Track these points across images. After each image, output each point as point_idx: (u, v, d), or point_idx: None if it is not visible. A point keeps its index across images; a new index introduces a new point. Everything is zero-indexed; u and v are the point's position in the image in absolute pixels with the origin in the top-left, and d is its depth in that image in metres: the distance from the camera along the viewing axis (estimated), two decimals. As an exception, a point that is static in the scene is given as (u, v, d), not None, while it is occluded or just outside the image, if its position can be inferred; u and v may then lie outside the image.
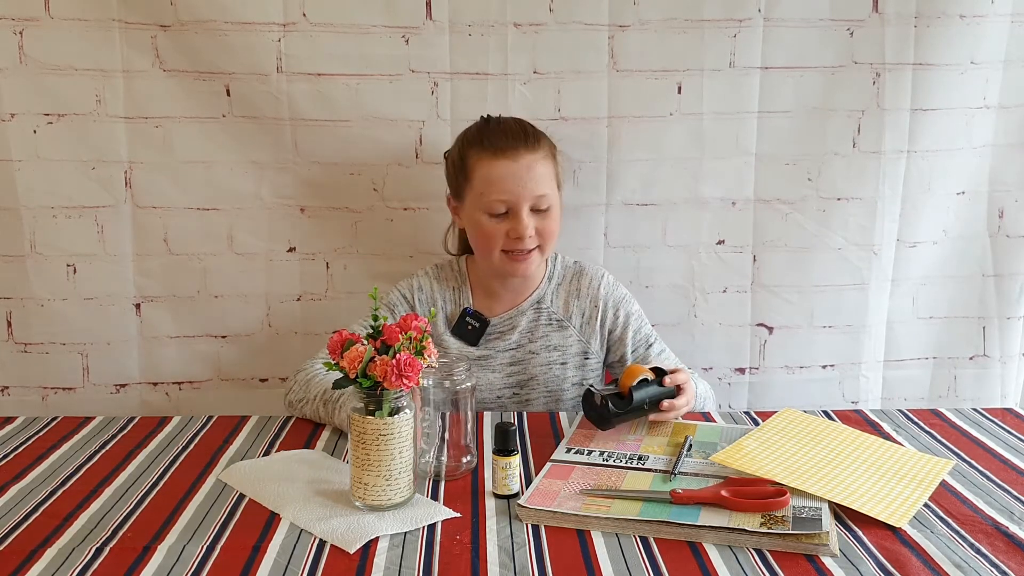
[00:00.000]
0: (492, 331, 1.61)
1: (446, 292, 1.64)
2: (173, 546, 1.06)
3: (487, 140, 1.54)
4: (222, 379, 1.85)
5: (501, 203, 1.51)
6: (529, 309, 1.62)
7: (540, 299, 1.63)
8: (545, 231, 1.54)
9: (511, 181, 1.50)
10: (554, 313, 1.63)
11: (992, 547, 1.06)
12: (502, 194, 1.51)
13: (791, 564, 1.02)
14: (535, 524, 1.11)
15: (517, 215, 1.51)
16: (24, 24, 1.67)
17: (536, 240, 1.53)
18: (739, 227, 1.84)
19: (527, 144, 1.53)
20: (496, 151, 1.51)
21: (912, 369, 1.94)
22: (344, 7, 1.69)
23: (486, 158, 1.52)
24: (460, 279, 1.65)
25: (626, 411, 1.35)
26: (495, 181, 1.51)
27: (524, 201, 1.51)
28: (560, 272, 1.65)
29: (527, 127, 1.57)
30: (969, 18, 1.75)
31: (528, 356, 1.62)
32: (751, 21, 1.74)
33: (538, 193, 1.52)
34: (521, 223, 1.51)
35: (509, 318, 1.62)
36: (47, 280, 1.77)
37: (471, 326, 1.60)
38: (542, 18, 1.72)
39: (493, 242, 1.54)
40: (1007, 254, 1.89)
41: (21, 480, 1.26)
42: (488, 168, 1.51)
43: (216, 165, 1.76)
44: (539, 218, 1.53)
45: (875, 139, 1.80)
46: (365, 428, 1.13)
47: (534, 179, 1.51)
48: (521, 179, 1.50)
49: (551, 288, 1.64)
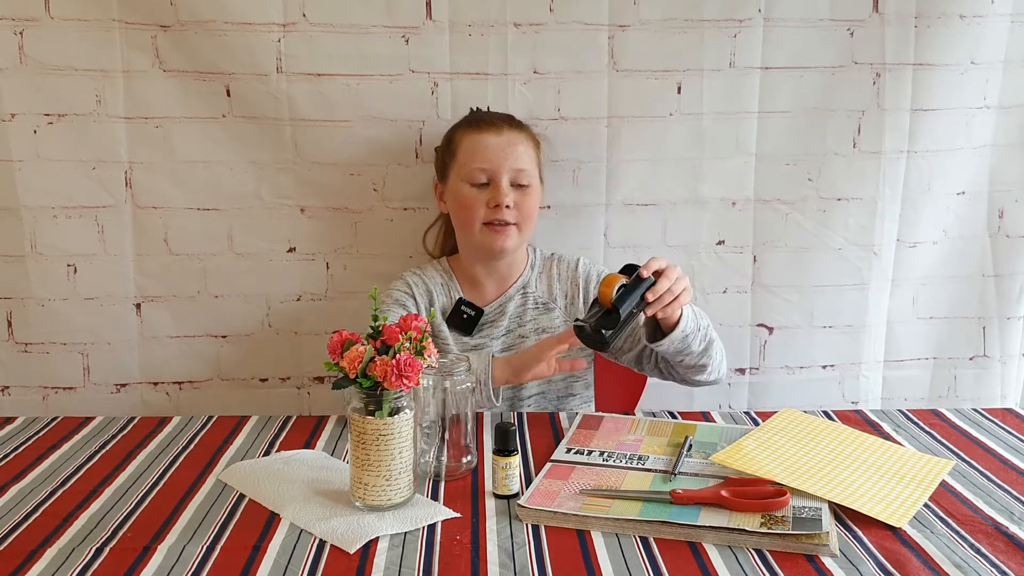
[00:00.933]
0: (484, 320, 1.64)
1: (436, 286, 1.67)
2: (173, 546, 1.06)
3: (473, 120, 1.64)
4: (222, 379, 1.85)
5: (482, 171, 1.58)
6: (516, 295, 1.66)
7: (525, 284, 1.67)
8: (524, 207, 1.58)
9: (493, 151, 1.58)
10: (539, 297, 1.67)
11: (992, 547, 1.06)
12: (483, 162, 1.58)
13: (791, 564, 1.02)
14: (535, 524, 1.11)
15: (497, 185, 1.57)
16: (24, 24, 1.67)
17: (515, 215, 1.58)
18: (739, 227, 1.84)
19: (511, 123, 1.62)
20: (481, 126, 1.61)
21: (912, 369, 1.94)
22: (344, 7, 1.69)
23: (471, 132, 1.61)
24: (446, 275, 1.68)
25: (619, 327, 1.32)
26: (478, 151, 1.58)
27: (504, 172, 1.57)
28: (540, 261, 1.70)
29: (513, 116, 1.64)
30: (969, 18, 1.75)
31: (519, 341, 1.65)
32: (751, 21, 1.74)
33: (518, 167, 1.58)
34: (500, 190, 1.56)
35: (499, 305, 1.65)
36: (47, 280, 1.77)
37: (466, 315, 1.64)
38: (542, 18, 1.72)
39: (474, 213, 1.58)
40: (1007, 254, 1.89)
41: (21, 480, 1.26)
42: (471, 140, 1.60)
43: (216, 165, 1.76)
44: (519, 193, 1.58)
45: (875, 139, 1.80)
46: (365, 428, 1.13)
47: (516, 154, 1.58)
48: (503, 150, 1.58)
49: (534, 275, 1.68)
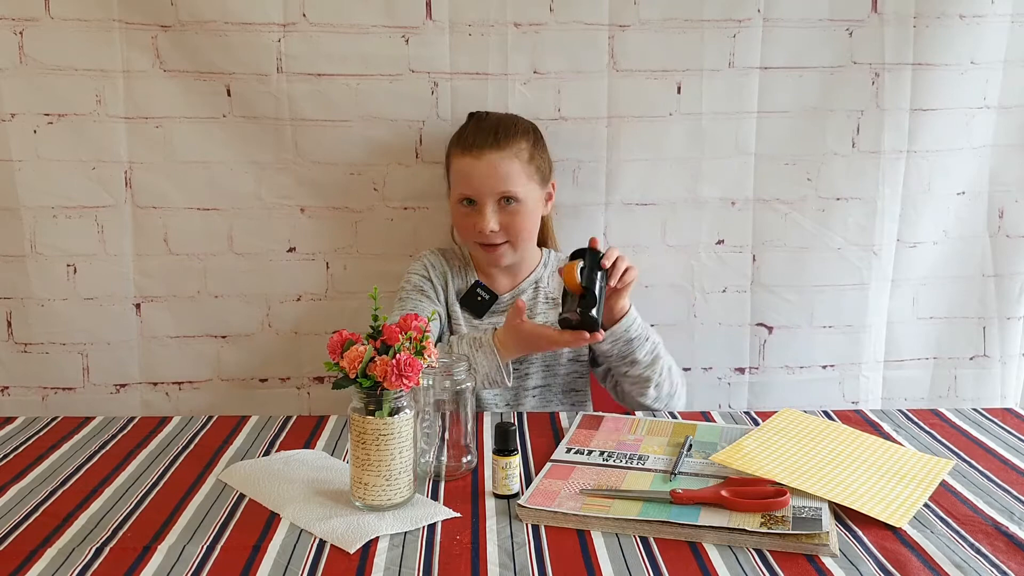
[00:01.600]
0: (496, 308, 1.67)
1: (454, 269, 1.70)
2: (173, 546, 1.06)
3: (463, 138, 1.63)
4: (222, 379, 1.85)
5: (466, 195, 1.60)
6: (528, 288, 1.70)
7: (538, 280, 1.71)
8: (512, 226, 1.60)
9: (475, 178, 1.59)
10: (550, 292, 1.70)
11: (992, 547, 1.06)
12: (467, 189, 1.60)
13: (791, 564, 1.02)
14: (535, 524, 1.11)
15: (481, 210, 1.59)
16: (24, 24, 1.67)
17: (503, 235, 1.60)
18: (738, 227, 1.84)
19: (495, 144, 1.59)
20: (465, 148, 1.60)
21: (912, 369, 1.94)
22: (344, 7, 1.69)
23: (458, 154, 1.62)
24: (464, 260, 1.71)
25: (599, 302, 1.44)
26: (462, 177, 1.61)
27: (486, 197, 1.59)
28: (554, 261, 1.74)
29: (503, 126, 1.62)
30: (969, 18, 1.75)
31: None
32: (751, 21, 1.74)
33: (500, 190, 1.58)
34: (483, 218, 1.59)
35: (512, 296, 1.69)
36: (47, 280, 1.76)
37: (481, 297, 1.67)
38: (542, 18, 1.72)
39: (466, 232, 1.64)
40: (1007, 254, 1.88)
41: (21, 480, 1.26)
42: (458, 163, 1.61)
43: (216, 165, 1.76)
44: (506, 213, 1.60)
45: (875, 139, 1.80)
46: (365, 428, 1.13)
47: (498, 177, 1.58)
48: (483, 176, 1.58)
49: (547, 273, 1.72)
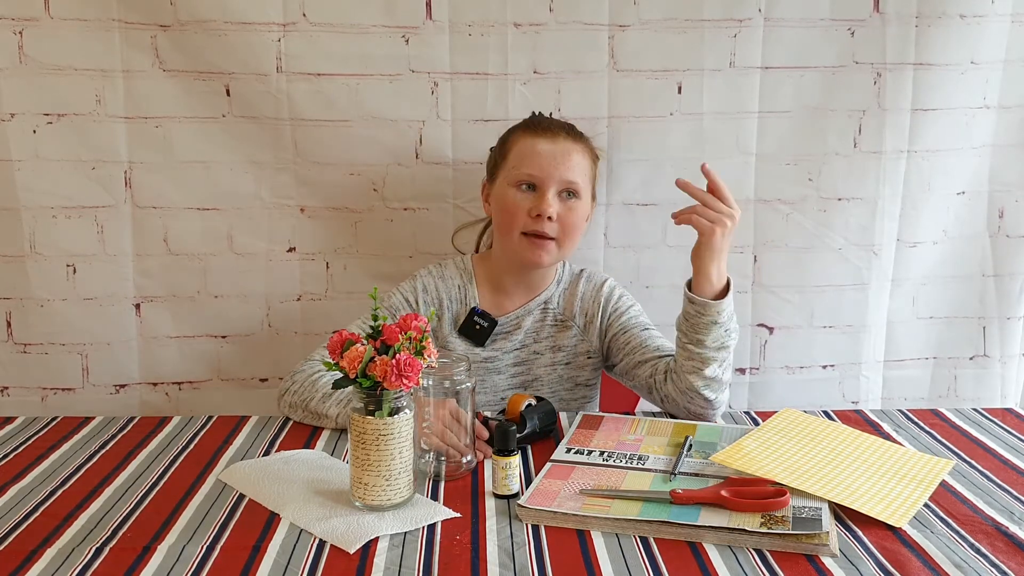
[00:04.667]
0: (498, 331, 1.60)
1: (451, 290, 1.62)
2: (173, 546, 1.06)
3: (534, 123, 1.58)
4: (222, 379, 1.85)
5: (530, 177, 1.52)
6: (536, 309, 1.62)
7: (547, 300, 1.63)
8: (567, 222, 1.53)
9: (545, 158, 1.52)
10: (559, 314, 1.62)
11: (992, 547, 1.06)
12: (533, 168, 1.52)
13: (791, 564, 1.02)
14: (535, 524, 1.11)
15: (543, 193, 1.51)
16: (24, 24, 1.67)
17: (556, 229, 1.52)
18: (739, 227, 1.79)
19: (570, 133, 1.57)
20: (539, 131, 1.55)
21: (912, 369, 1.94)
22: (344, 7, 1.69)
23: (527, 136, 1.55)
24: (466, 276, 1.63)
25: (518, 437, 1.29)
26: (529, 155, 1.53)
27: (552, 181, 1.52)
28: (568, 277, 1.65)
29: (574, 126, 1.60)
30: (969, 18, 1.75)
31: (533, 356, 1.62)
32: (751, 21, 1.74)
33: (568, 178, 1.52)
34: (545, 200, 1.50)
35: (516, 317, 1.61)
36: (47, 280, 1.77)
37: (479, 326, 1.59)
38: (542, 18, 1.72)
39: (516, 219, 1.53)
40: (1007, 254, 1.89)
41: (21, 480, 1.26)
42: (525, 143, 1.55)
43: (216, 165, 1.76)
44: (564, 207, 1.53)
45: (875, 139, 1.80)
46: (365, 428, 1.13)
47: (568, 164, 1.52)
48: (555, 159, 1.52)
49: (558, 291, 1.63)
